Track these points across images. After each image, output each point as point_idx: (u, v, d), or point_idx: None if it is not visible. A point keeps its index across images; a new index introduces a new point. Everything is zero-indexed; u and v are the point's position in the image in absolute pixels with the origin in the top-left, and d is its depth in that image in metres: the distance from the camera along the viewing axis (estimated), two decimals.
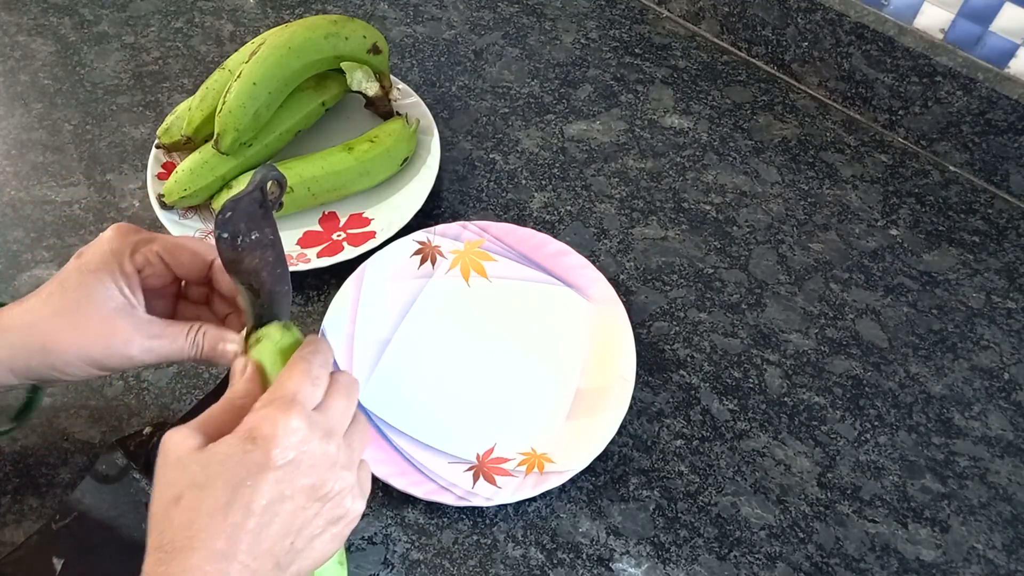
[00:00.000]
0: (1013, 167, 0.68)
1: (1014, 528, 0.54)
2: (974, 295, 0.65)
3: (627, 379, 0.57)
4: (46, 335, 0.44)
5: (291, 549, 0.38)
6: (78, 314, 0.44)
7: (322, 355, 0.42)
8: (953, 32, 0.68)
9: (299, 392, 0.40)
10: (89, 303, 0.44)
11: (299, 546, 0.39)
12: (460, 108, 0.76)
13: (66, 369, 0.44)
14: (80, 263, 0.45)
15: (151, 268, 0.46)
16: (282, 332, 0.44)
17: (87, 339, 0.44)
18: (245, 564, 0.37)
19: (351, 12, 0.83)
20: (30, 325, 0.44)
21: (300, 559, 0.39)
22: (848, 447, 0.57)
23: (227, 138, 0.62)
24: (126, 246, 0.45)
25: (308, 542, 0.39)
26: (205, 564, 0.36)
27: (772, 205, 0.69)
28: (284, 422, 0.38)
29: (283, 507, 0.38)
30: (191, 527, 0.36)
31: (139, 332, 0.45)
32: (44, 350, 0.44)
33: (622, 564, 0.52)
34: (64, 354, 0.44)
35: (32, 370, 0.44)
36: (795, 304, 0.64)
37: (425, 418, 0.57)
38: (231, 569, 0.36)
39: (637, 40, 0.81)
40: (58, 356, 0.44)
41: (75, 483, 0.53)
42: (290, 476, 0.38)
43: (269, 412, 0.39)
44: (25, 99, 0.76)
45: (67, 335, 0.44)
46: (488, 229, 0.65)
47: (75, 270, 0.45)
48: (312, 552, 0.40)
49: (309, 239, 0.65)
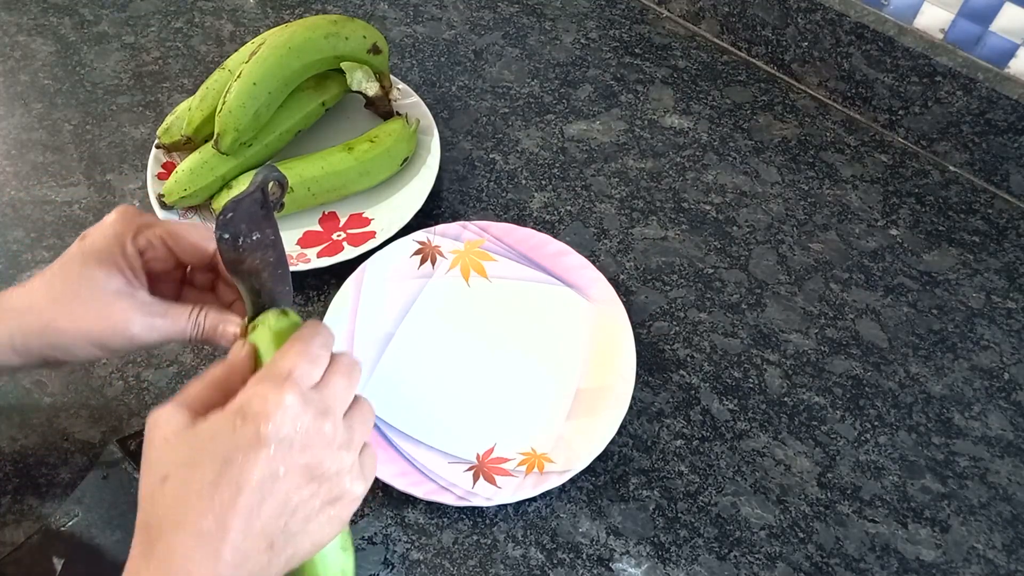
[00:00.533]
0: (1013, 167, 0.68)
1: (1014, 528, 0.54)
2: (974, 295, 0.65)
3: (627, 379, 0.57)
4: (47, 316, 0.44)
5: (285, 530, 0.37)
6: (79, 295, 0.44)
7: (321, 336, 0.42)
8: (953, 32, 0.68)
9: (294, 369, 0.39)
10: (90, 284, 0.44)
11: (294, 528, 0.38)
12: (460, 108, 0.76)
13: (68, 349, 0.45)
14: (83, 245, 0.45)
15: (154, 251, 0.46)
16: (278, 317, 0.43)
17: (87, 319, 0.44)
18: (235, 545, 0.35)
19: (351, 12, 0.83)
20: (31, 306, 0.44)
21: (296, 542, 0.38)
22: (848, 447, 0.57)
23: (227, 138, 0.62)
24: (129, 229, 0.45)
25: (304, 524, 0.38)
26: (193, 544, 0.35)
27: (772, 205, 0.70)
28: (276, 398, 0.37)
29: (275, 486, 0.37)
30: (177, 507, 0.36)
31: (140, 312, 0.45)
32: (45, 330, 0.44)
33: (622, 564, 0.52)
34: (65, 334, 0.44)
35: (35, 351, 0.45)
36: (795, 304, 0.64)
37: (425, 418, 0.57)
38: (222, 550, 0.35)
39: (637, 40, 0.81)
40: (59, 336, 0.44)
41: (75, 483, 0.53)
42: (283, 454, 0.37)
43: (261, 388, 0.38)
44: (25, 99, 0.76)
45: (67, 315, 0.44)
46: (488, 229, 0.65)
47: (77, 252, 0.45)
48: (309, 535, 0.39)
49: (309, 239, 0.65)
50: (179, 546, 0.35)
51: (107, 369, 0.59)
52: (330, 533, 0.40)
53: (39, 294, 0.45)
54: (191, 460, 0.37)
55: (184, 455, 0.37)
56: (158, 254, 0.46)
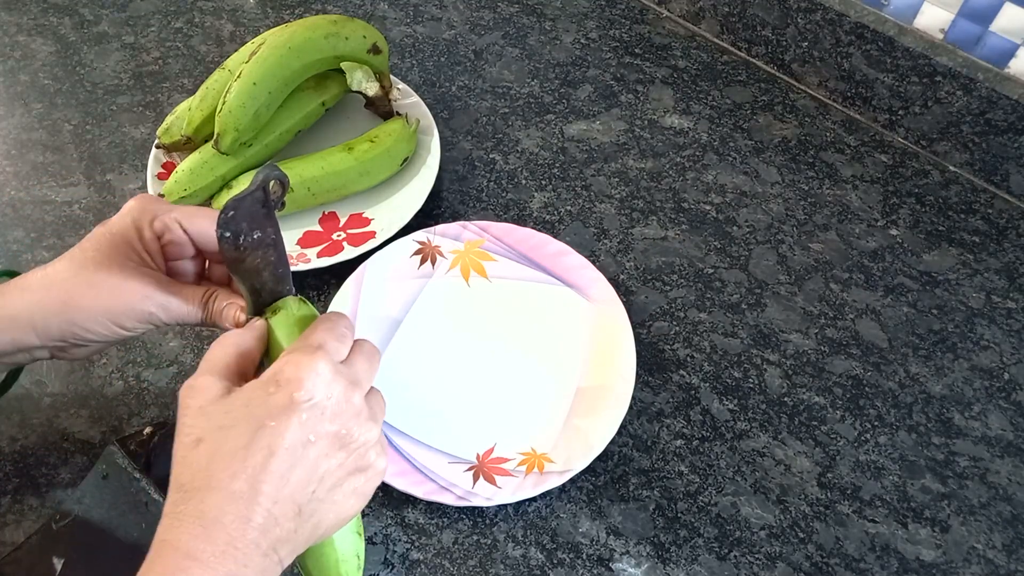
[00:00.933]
0: (1013, 167, 0.68)
1: (1014, 528, 0.54)
2: (974, 295, 0.65)
3: (627, 379, 0.57)
4: (66, 292, 0.45)
5: (313, 497, 0.38)
6: (98, 272, 0.45)
7: (346, 320, 0.44)
8: (953, 32, 0.68)
9: (325, 343, 0.41)
10: (109, 262, 0.45)
11: (320, 495, 0.39)
12: (460, 108, 0.76)
13: (87, 326, 0.45)
14: (102, 228, 0.47)
15: (171, 235, 0.47)
16: (299, 304, 0.45)
17: (105, 294, 0.45)
18: (267, 509, 0.36)
19: (351, 12, 0.83)
20: (51, 284, 0.46)
21: (321, 510, 0.39)
22: (848, 447, 0.57)
23: (227, 138, 0.62)
24: (146, 213, 0.47)
25: (330, 491, 0.39)
26: (224, 504, 0.36)
27: (772, 205, 0.70)
28: (309, 365, 0.39)
29: (306, 452, 0.38)
30: (210, 467, 0.37)
31: (157, 288, 0.46)
32: (64, 307, 0.45)
33: (622, 564, 0.52)
34: (84, 310, 0.45)
35: (53, 329, 0.45)
36: (795, 304, 0.64)
37: (425, 418, 0.57)
38: (252, 511, 0.36)
39: (637, 40, 0.81)
40: (78, 312, 0.45)
41: (75, 483, 0.53)
42: (314, 420, 0.38)
43: (294, 356, 0.39)
44: (25, 99, 0.76)
45: (86, 291, 0.45)
46: (488, 229, 0.65)
47: (98, 234, 0.47)
48: (334, 505, 0.40)
49: (309, 239, 0.65)
50: (211, 506, 0.36)
51: (107, 369, 0.59)
52: (354, 507, 0.41)
53: (60, 272, 0.46)
54: (225, 424, 0.38)
55: (218, 420, 0.38)
56: (175, 237, 0.47)
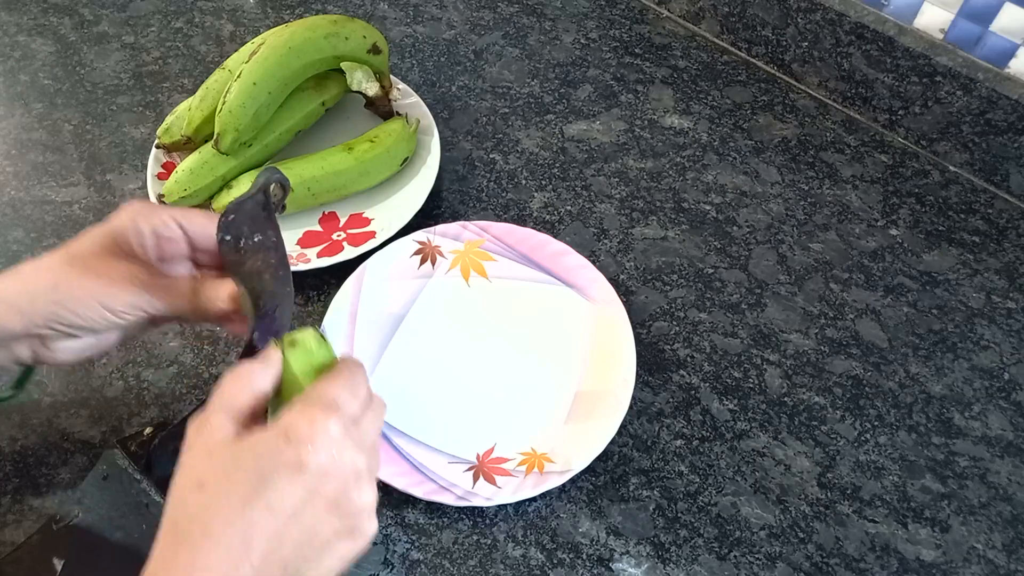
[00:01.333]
0: (1013, 167, 0.68)
1: (1014, 528, 0.54)
2: (974, 295, 0.65)
3: (627, 379, 0.57)
4: (58, 275, 0.45)
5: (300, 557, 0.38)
6: (92, 258, 0.46)
7: (363, 373, 0.43)
8: (953, 32, 0.68)
9: (341, 400, 0.40)
10: (104, 251, 0.46)
11: (308, 555, 0.38)
12: (460, 108, 0.76)
13: (75, 308, 0.45)
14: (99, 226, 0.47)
15: (168, 231, 0.47)
16: (319, 344, 0.43)
17: (97, 279, 0.45)
18: (255, 565, 0.36)
19: (351, 12, 0.83)
20: (43, 268, 0.46)
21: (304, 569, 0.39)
22: (848, 447, 0.57)
23: (227, 138, 0.62)
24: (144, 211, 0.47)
25: (318, 554, 0.39)
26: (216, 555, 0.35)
27: (772, 205, 0.70)
28: (323, 424, 0.38)
29: (303, 515, 0.37)
30: (208, 515, 0.36)
31: (147, 273, 0.46)
32: (54, 287, 0.45)
33: (622, 564, 0.52)
34: (74, 290, 0.45)
35: (40, 311, 0.45)
36: (795, 304, 0.64)
37: (425, 418, 0.57)
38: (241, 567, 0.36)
39: (637, 40, 0.81)
40: (67, 293, 0.45)
41: (75, 483, 0.53)
42: (317, 482, 0.38)
43: (309, 411, 0.39)
44: (25, 99, 0.76)
45: (78, 274, 0.45)
46: (488, 229, 0.65)
47: (93, 230, 0.47)
48: (319, 567, 0.39)
49: (309, 239, 0.65)
50: (203, 555, 0.35)
51: (107, 369, 0.59)
52: (335, 569, 0.40)
53: (53, 259, 0.46)
54: (229, 472, 0.37)
55: (224, 466, 0.37)
56: (172, 234, 0.47)
